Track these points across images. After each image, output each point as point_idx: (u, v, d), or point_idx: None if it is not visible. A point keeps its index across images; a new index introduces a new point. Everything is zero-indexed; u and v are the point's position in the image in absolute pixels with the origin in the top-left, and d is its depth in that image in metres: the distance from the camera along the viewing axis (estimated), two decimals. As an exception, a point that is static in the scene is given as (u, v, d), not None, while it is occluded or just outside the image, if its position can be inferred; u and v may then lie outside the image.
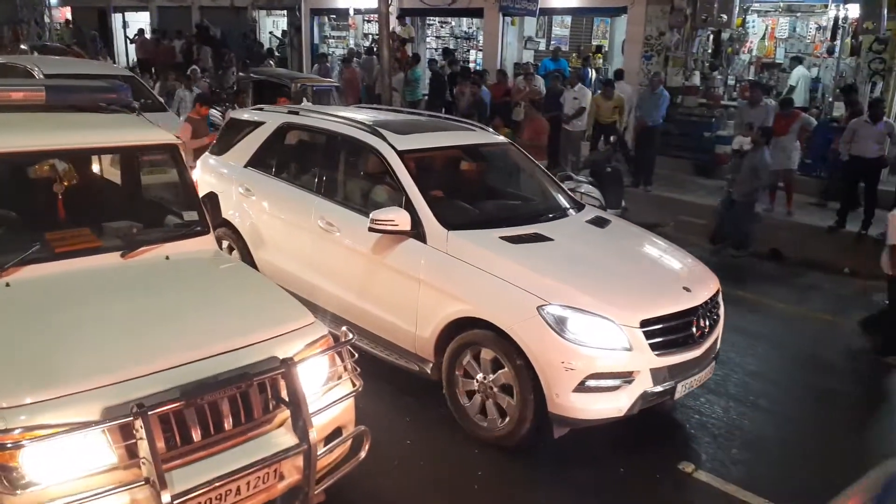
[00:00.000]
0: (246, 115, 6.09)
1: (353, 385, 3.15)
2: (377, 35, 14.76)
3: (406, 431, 4.25)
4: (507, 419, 3.97)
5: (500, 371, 3.97)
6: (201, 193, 4.15)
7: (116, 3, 22.56)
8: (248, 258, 5.39)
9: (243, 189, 5.46)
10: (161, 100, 10.54)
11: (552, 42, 16.62)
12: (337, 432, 3.13)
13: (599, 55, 16.18)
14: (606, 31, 16.48)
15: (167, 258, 3.53)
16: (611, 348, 3.74)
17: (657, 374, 3.83)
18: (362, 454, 3.10)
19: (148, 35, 20.13)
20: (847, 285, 7.87)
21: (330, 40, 18.89)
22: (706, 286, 4.28)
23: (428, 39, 17.67)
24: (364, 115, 5.57)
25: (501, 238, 4.29)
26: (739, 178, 8.51)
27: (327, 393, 3.08)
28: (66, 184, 3.67)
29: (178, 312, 3.11)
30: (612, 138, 11.13)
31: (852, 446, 4.55)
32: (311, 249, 5.03)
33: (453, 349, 4.17)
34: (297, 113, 5.74)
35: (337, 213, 4.88)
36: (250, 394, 2.82)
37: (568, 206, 5.07)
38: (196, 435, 2.68)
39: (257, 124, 5.73)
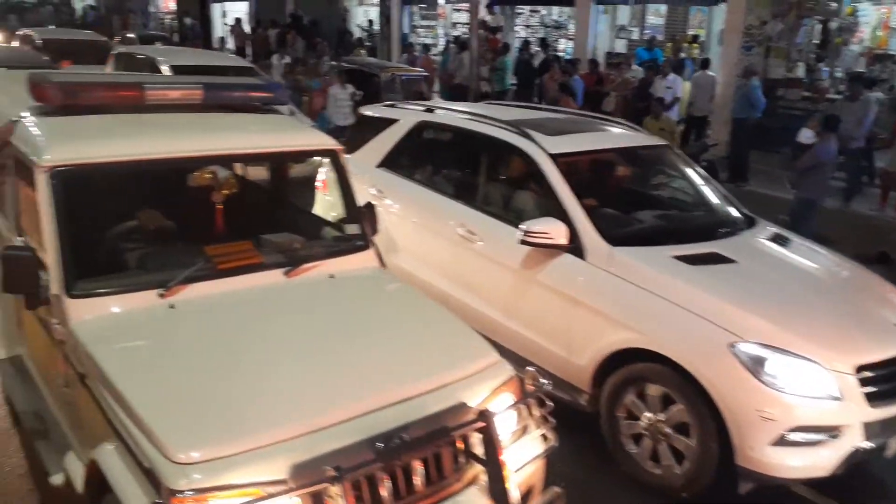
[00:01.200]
0: (377, 111, 5.64)
1: (546, 440, 2.66)
2: (467, 24, 14.31)
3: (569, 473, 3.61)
4: (683, 468, 3.43)
5: (674, 413, 3.44)
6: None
7: (216, -8, 22.64)
8: (377, 263, 4.99)
9: (375, 191, 5.05)
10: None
11: (645, 31, 15.68)
12: (527, 495, 2.64)
13: (696, 45, 15.19)
14: (704, 20, 15.44)
15: (331, 277, 3.09)
16: (818, 397, 3.15)
17: (870, 428, 3.22)
18: (556, 519, 2.62)
19: (245, 25, 20.12)
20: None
21: (419, 30, 18.42)
22: (920, 323, 3.61)
23: (517, 28, 16.98)
24: (504, 112, 5.03)
25: (675, 258, 3.73)
26: (803, 171, 7.17)
27: (516, 447, 2.61)
28: (225, 192, 3.29)
29: (354, 346, 2.68)
30: (708, 132, 10.42)
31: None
32: (448, 258, 4.58)
33: (616, 382, 3.65)
34: (432, 110, 5.25)
35: (479, 220, 4.41)
36: (445, 449, 2.40)
37: (740, 219, 4.43)
38: (386, 495, 2.25)
39: (390, 122, 5.28)
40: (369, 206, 3.44)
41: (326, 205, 4.47)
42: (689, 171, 4.82)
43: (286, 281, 3.00)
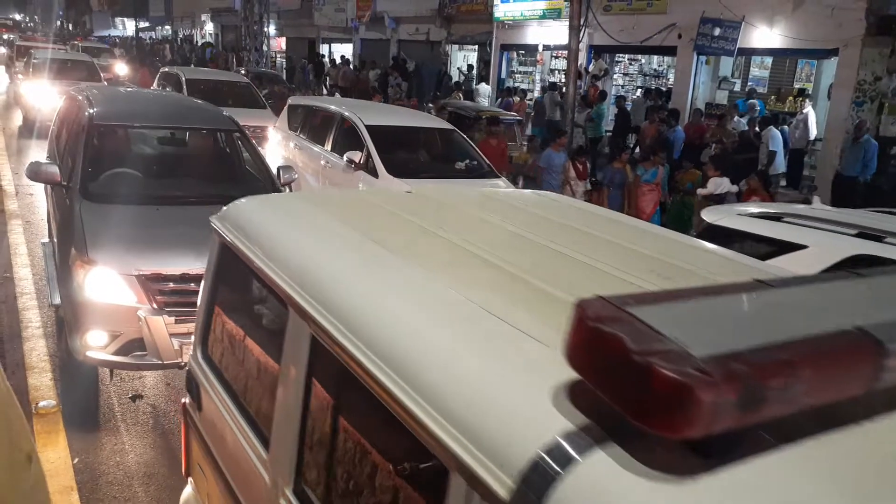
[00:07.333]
0: (736, 223, 3.69)
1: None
2: (564, 70, 13.87)
3: None
4: None
5: None
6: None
7: (325, 35, 22.99)
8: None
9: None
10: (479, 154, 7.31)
11: (749, 83, 14.74)
12: None
13: (802, 99, 14.17)
14: (812, 73, 14.37)
15: None
16: None
17: None
18: None
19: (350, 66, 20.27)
20: None
21: (516, 75, 18.04)
22: None
23: (615, 76, 16.34)
24: None
25: None
26: None
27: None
28: None
29: None
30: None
31: None
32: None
33: None
34: (875, 237, 3.25)
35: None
36: None
37: None
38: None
39: (791, 247, 3.43)
40: None
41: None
42: None
43: None
